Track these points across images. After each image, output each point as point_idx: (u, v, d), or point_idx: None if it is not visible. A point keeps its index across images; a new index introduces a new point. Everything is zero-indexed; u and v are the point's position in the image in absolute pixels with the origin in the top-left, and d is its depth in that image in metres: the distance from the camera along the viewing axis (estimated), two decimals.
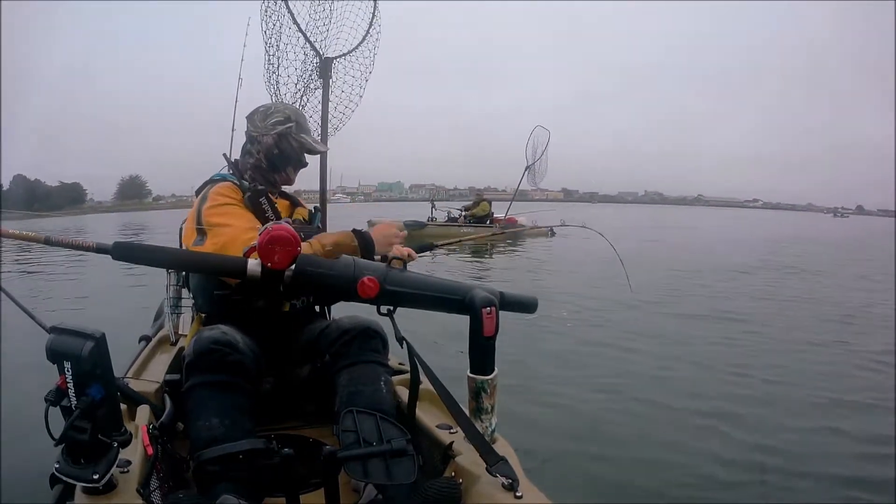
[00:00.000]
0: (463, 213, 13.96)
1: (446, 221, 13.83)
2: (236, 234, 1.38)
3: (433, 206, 14.62)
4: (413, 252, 1.52)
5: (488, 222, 13.55)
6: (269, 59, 2.15)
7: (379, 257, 1.44)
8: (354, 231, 1.42)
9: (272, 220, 1.51)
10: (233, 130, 2.54)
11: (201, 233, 1.44)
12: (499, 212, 14.38)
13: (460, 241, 2.72)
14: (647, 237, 15.55)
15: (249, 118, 1.66)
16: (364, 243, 1.41)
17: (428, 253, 1.84)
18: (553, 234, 14.10)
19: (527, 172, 14.31)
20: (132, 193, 76.77)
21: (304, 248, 1.29)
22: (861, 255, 13.51)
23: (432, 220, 13.70)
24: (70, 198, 61.65)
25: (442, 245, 2.00)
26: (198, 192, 1.59)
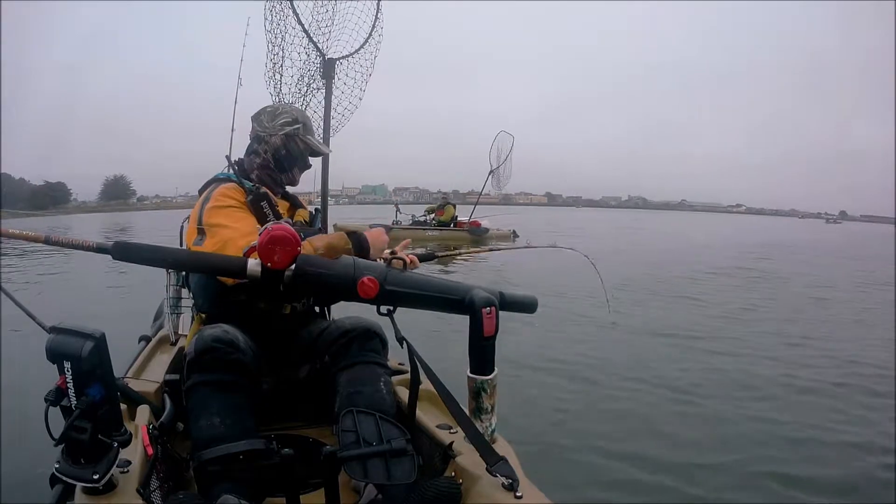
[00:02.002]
0: (428, 217, 14.34)
1: (411, 224, 14.11)
2: (234, 236, 1.37)
3: (397, 210, 15.06)
4: (416, 259, 1.54)
5: (452, 226, 13.98)
6: (272, 59, 2.14)
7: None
8: (349, 233, 1.41)
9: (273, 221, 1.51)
10: (232, 131, 2.53)
11: (201, 233, 1.43)
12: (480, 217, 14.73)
13: (460, 252, 2.73)
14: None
15: (256, 118, 1.66)
16: (359, 246, 1.40)
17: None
18: (517, 236, 14.52)
19: (491, 176, 14.67)
20: (117, 194, 75.84)
21: None
22: None
23: (397, 224, 14.00)
24: (54, 197, 60.77)
25: (443, 255, 2.00)
26: (201, 191, 1.57)
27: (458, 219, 14.26)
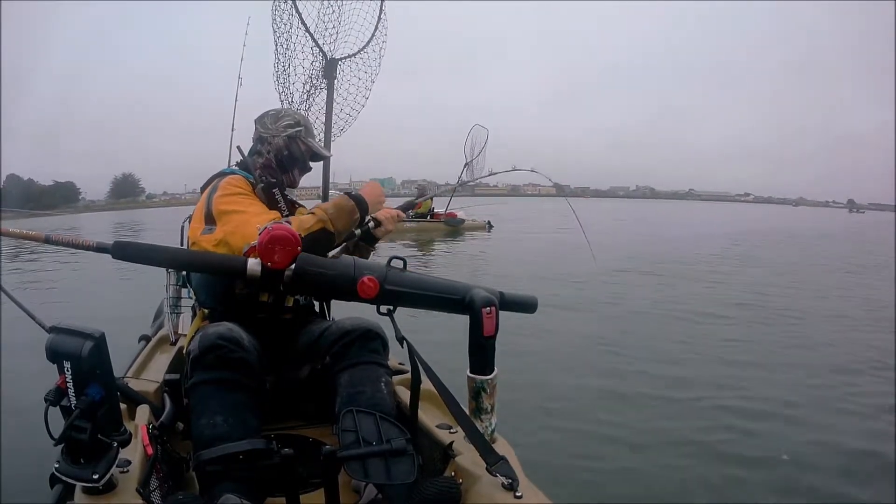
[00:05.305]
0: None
1: None
2: (248, 219, 1.37)
3: None
4: (401, 213, 1.61)
5: (429, 217, 14.55)
6: (279, 60, 2.15)
7: (375, 228, 1.53)
8: (347, 193, 1.49)
9: (285, 210, 1.54)
10: (232, 130, 2.54)
11: (210, 221, 1.42)
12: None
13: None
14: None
15: (259, 120, 1.70)
16: (358, 202, 1.48)
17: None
18: (491, 227, 15.47)
19: (466, 169, 15.08)
20: (125, 192, 76.24)
21: (309, 218, 1.37)
22: None
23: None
24: (64, 197, 61.21)
25: (422, 199, 2.07)
26: (204, 187, 1.58)
27: (435, 210, 14.84)
